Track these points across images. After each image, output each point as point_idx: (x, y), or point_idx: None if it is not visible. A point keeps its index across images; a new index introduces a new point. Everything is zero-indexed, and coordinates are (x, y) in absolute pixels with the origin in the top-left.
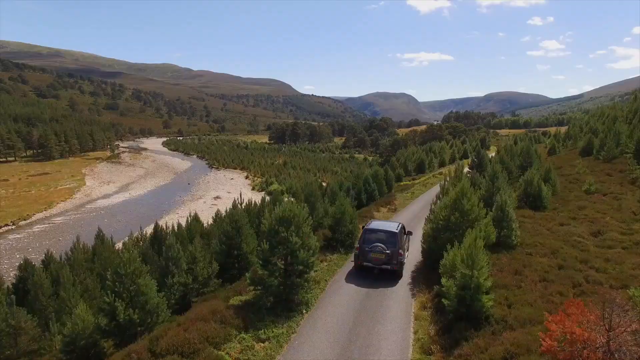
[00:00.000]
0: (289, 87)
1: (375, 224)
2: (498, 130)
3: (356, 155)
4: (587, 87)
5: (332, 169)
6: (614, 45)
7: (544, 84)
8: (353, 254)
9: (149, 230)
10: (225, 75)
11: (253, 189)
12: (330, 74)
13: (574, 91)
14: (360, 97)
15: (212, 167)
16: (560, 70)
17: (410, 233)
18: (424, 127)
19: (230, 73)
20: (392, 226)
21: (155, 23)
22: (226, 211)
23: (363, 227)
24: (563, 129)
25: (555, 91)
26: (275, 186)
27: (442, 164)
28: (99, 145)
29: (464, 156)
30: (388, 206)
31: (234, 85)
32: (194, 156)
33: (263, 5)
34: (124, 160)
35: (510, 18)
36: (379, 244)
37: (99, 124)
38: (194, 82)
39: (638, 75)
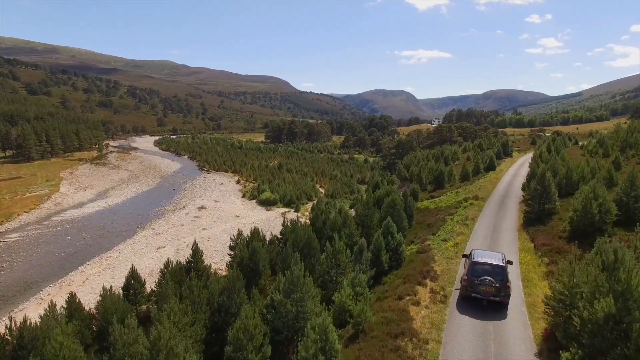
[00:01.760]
0: (287, 84)
1: (480, 256)
2: (504, 130)
3: (356, 156)
4: (585, 85)
5: (331, 173)
6: (612, 43)
7: (543, 81)
8: (460, 284)
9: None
10: (223, 72)
11: (244, 196)
12: (328, 71)
13: (572, 89)
14: (358, 95)
15: (203, 170)
16: (558, 68)
17: (510, 262)
18: (425, 125)
19: (229, 70)
20: (497, 258)
21: (153, 20)
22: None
23: (465, 256)
24: (602, 127)
25: (553, 89)
26: (267, 194)
27: (465, 177)
28: (85, 145)
29: (489, 167)
30: (429, 280)
31: (231, 82)
32: (185, 157)
33: (262, 3)
34: (110, 161)
35: (509, 16)
36: (488, 277)
37: (86, 122)
38: (191, 78)
39: (636, 73)
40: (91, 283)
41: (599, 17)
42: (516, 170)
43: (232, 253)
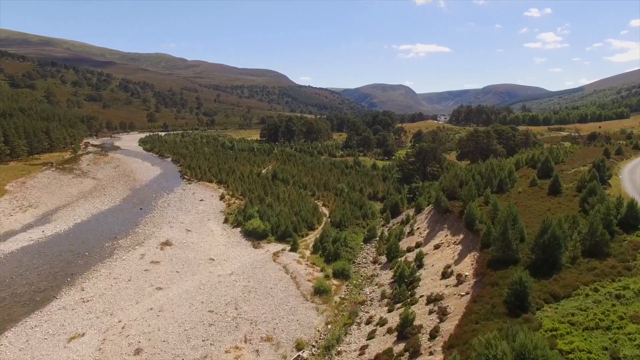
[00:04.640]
0: (285, 77)
1: None
2: (523, 128)
3: (361, 158)
4: (584, 80)
5: (335, 186)
6: (611, 38)
7: (542, 76)
8: None
9: None
10: (221, 66)
11: (226, 220)
12: (326, 65)
13: (570, 84)
14: (357, 89)
15: (184, 178)
16: (557, 62)
17: None
18: (432, 122)
19: (226, 64)
20: None
21: (151, 13)
22: None
23: None
24: (627, 125)
25: (552, 84)
26: (256, 222)
27: (595, 247)
28: (59, 145)
29: (627, 222)
30: None
31: (228, 76)
32: (169, 159)
33: None
34: (80, 166)
35: (507, 9)
36: None
37: (62, 119)
38: (187, 72)
39: (636, 68)
40: None
41: (598, 12)
42: None
43: None
